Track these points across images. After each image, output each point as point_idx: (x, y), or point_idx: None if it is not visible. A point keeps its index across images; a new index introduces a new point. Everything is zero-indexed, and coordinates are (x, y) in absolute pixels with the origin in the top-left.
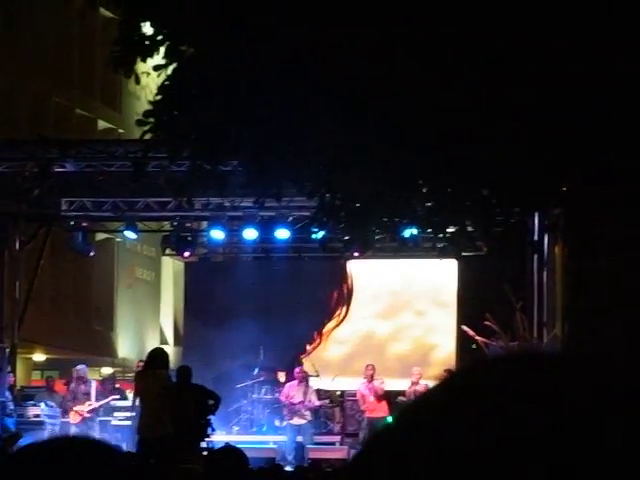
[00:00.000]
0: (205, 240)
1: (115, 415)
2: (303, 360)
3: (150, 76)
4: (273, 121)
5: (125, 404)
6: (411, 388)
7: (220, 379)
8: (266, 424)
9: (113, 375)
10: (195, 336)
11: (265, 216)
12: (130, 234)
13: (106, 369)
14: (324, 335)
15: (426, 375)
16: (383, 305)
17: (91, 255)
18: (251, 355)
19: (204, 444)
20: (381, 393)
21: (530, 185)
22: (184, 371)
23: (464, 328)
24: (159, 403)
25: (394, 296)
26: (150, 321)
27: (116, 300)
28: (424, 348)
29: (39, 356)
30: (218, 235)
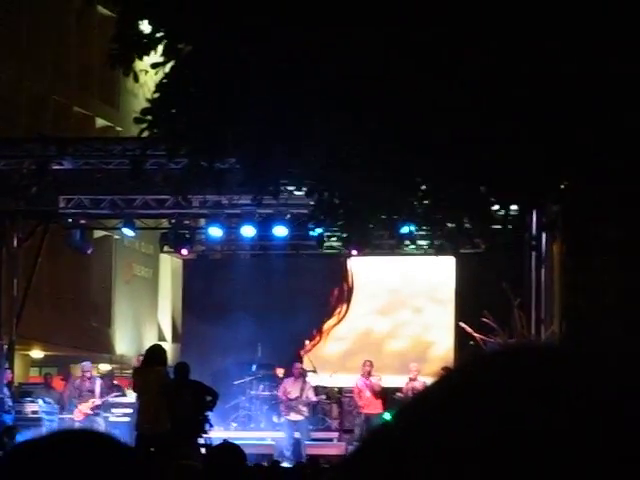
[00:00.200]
0: (203, 237)
1: (113, 411)
2: (302, 356)
3: (148, 74)
4: (268, 119)
5: (123, 400)
6: (409, 384)
7: (218, 376)
8: (264, 420)
9: (112, 372)
10: (193, 333)
11: (263, 213)
12: (128, 231)
13: (104, 366)
14: (324, 332)
15: (424, 372)
16: (381, 302)
17: (89, 252)
18: (249, 352)
19: (202, 440)
20: (378, 389)
21: (528, 183)
22: (182, 368)
23: (462, 325)
24: (157, 399)
25: (392, 293)
26: (148, 318)
27: (114, 297)
28: (422, 345)
29: (37, 353)
30: (216, 232)
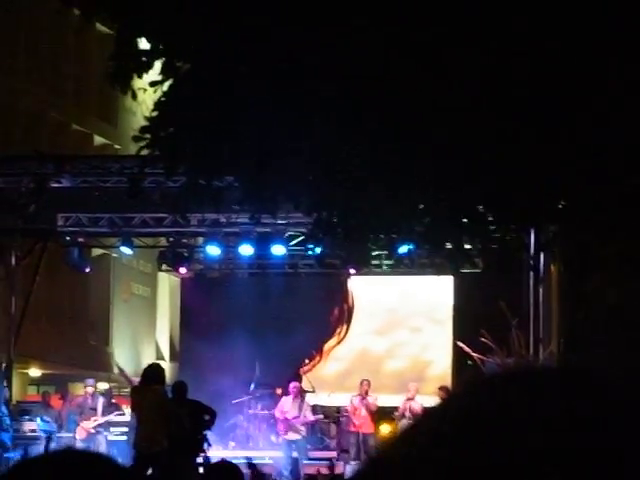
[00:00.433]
0: (201, 256)
1: (112, 430)
2: (301, 375)
3: (146, 92)
4: (267, 132)
5: (122, 419)
6: (406, 404)
7: (216, 394)
8: (262, 439)
9: (110, 390)
10: (191, 352)
11: (261, 232)
12: (126, 250)
13: (102, 384)
14: (325, 353)
15: (422, 391)
16: (379, 322)
17: (87, 271)
18: (247, 370)
19: (200, 459)
20: (374, 409)
21: (526, 202)
22: (180, 386)
23: (460, 344)
24: (155, 418)
25: (390, 313)
26: (146, 336)
27: (112, 315)
28: (420, 364)
29: (35, 371)
30: (214, 251)
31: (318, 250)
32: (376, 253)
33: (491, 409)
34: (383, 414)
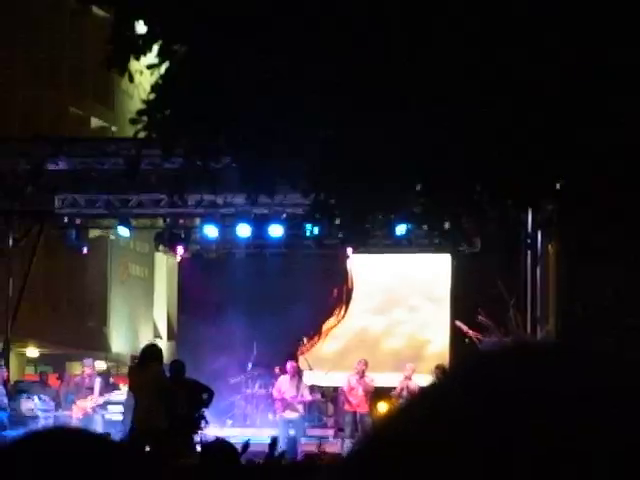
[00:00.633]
0: (198, 237)
1: (109, 409)
2: (299, 356)
3: (143, 74)
4: (266, 118)
5: (119, 398)
6: (403, 383)
7: (213, 374)
8: (259, 418)
9: (108, 370)
10: (188, 331)
11: (258, 213)
12: (123, 231)
13: (100, 364)
14: (323, 333)
15: (419, 370)
16: (377, 301)
17: (85, 252)
18: (244, 350)
19: (198, 438)
20: (371, 390)
21: (523, 180)
22: (177, 365)
23: (457, 323)
24: (153, 397)
25: (387, 292)
26: (143, 316)
27: (110, 296)
28: (417, 343)
29: (32, 351)
30: (211, 232)
31: (316, 231)
32: (374, 233)
33: (488, 385)
34: (380, 393)
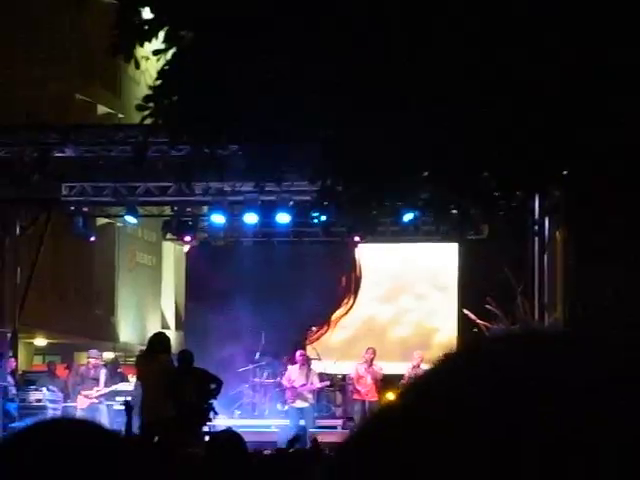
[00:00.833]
0: (206, 225)
1: (117, 399)
2: (307, 344)
3: (149, 60)
4: (273, 105)
5: (127, 388)
6: (412, 371)
7: (221, 363)
8: (268, 408)
9: (116, 359)
10: (196, 320)
11: (266, 200)
12: (131, 219)
13: (107, 353)
14: (332, 322)
15: (427, 358)
16: (384, 289)
17: (92, 240)
18: (252, 339)
19: (206, 428)
20: (380, 378)
21: (531, 167)
22: (185, 355)
23: (465, 311)
24: (161, 387)
25: (395, 280)
26: (151, 305)
27: (117, 285)
28: (425, 331)
29: (40, 341)
30: (219, 220)
31: (323, 218)
32: (381, 220)
33: (496, 372)
34: (389, 382)
